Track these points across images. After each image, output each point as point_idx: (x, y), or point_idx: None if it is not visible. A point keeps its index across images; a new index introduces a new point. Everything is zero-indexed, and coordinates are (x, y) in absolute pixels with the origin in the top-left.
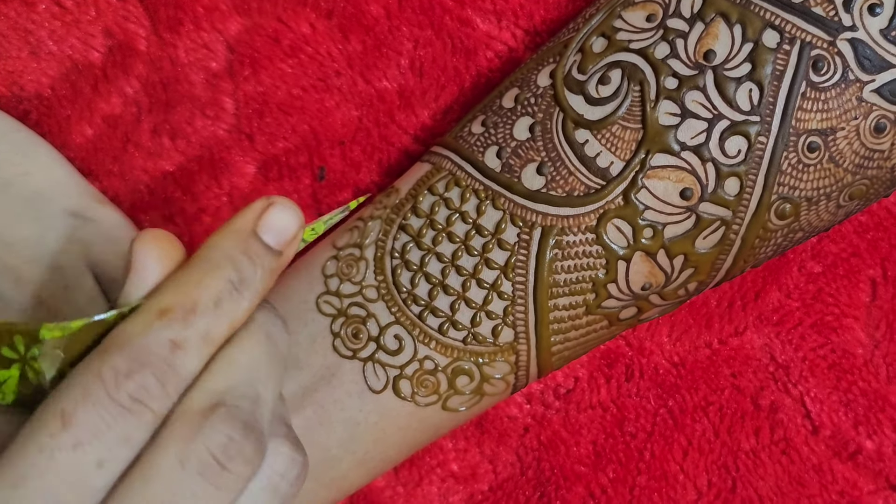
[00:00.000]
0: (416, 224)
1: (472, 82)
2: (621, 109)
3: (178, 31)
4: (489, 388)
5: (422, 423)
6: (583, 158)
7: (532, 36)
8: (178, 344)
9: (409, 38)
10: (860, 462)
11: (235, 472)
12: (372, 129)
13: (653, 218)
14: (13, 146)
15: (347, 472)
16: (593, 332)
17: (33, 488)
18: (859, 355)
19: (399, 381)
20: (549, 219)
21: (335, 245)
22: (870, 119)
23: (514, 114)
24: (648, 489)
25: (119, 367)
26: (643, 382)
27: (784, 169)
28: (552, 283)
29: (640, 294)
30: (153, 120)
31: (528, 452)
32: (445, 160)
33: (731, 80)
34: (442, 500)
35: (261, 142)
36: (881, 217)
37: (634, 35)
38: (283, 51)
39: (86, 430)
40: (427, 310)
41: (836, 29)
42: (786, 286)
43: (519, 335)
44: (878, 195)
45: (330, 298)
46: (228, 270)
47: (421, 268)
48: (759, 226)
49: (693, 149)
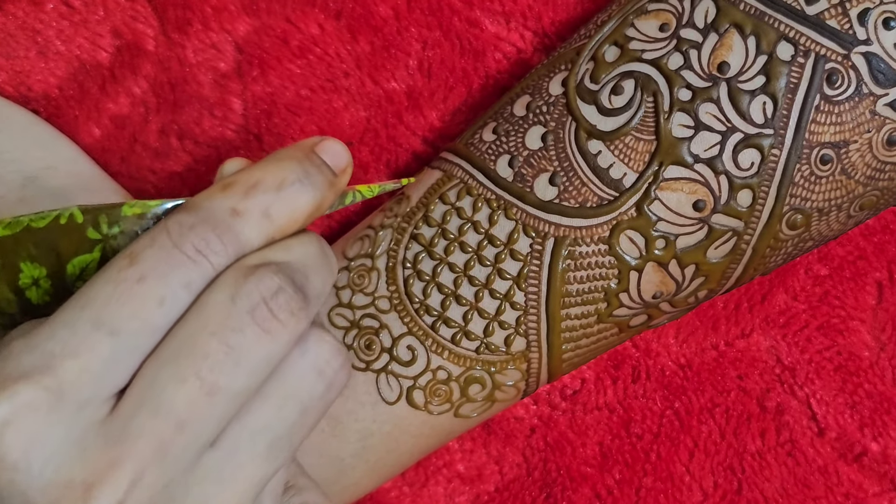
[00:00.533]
0: (427, 233)
1: (481, 84)
2: (634, 120)
3: (186, 32)
4: (500, 395)
5: (434, 430)
6: (595, 169)
7: (541, 37)
8: (238, 211)
9: (417, 39)
10: (865, 464)
11: (282, 320)
12: (380, 129)
13: (665, 229)
14: (36, 140)
15: (360, 480)
16: (604, 340)
17: (99, 313)
18: (865, 358)
19: (412, 391)
20: (561, 229)
21: (346, 255)
22: (882, 132)
23: (525, 122)
24: (654, 490)
25: (183, 221)
26: (650, 384)
27: (796, 181)
28: (564, 293)
29: (651, 302)
30: (161, 120)
31: (535, 453)
32: (457, 168)
33: (744, 92)
34: (448, 500)
35: (269, 142)
36: (888, 220)
37: (647, 45)
38: (291, 51)
39: (150, 268)
40: (440, 320)
41: (851, 42)
42: (792, 289)
43: (531, 344)
44: (887, 205)
45: (342, 311)
46: (293, 164)
47: (433, 278)
48: (770, 236)
49: (706, 161)
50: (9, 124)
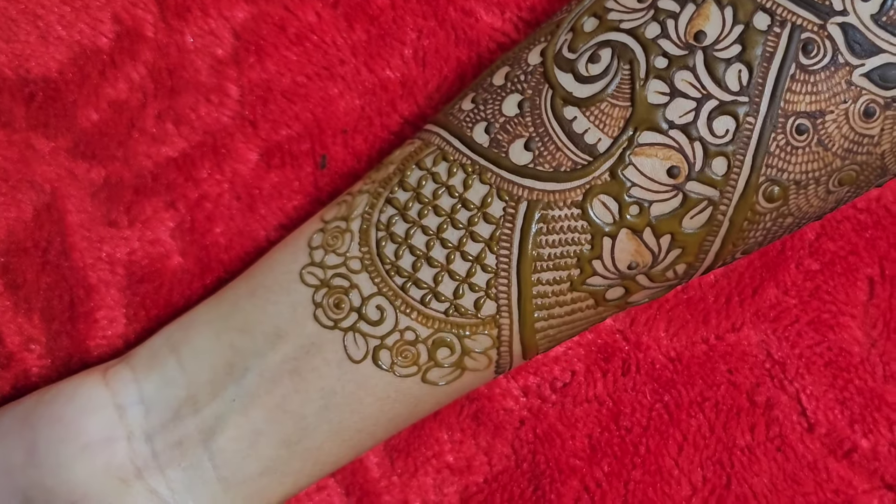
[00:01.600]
0: (402, 197)
1: (475, 73)
2: (610, 87)
3: (185, 18)
4: (470, 363)
5: (400, 395)
6: (570, 135)
7: (534, 28)
8: None
9: (412, 28)
10: (855, 460)
11: None
12: (374, 118)
13: (639, 195)
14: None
15: (323, 443)
16: (579, 311)
17: None
18: (856, 353)
19: (379, 350)
20: (535, 193)
21: (323, 218)
22: (859, 103)
23: (503, 91)
24: (643, 483)
25: None
26: (639, 377)
27: (772, 151)
28: (536, 257)
29: (627, 273)
30: (158, 106)
31: (524, 445)
32: (434, 136)
33: (720, 60)
34: (437, 491)
35: (264, 129)
36: (880, 216)
37: (625, 15)
38: (288, 39)
39: None
40: (410, 281)
41: (827, 13)
42: (783, 283)
43: (501, 308)
44: (868, 183)
45: (314, 269)
46: None
47: (406, 240)
48: (747, 207)
49: (681, 127)
50: None
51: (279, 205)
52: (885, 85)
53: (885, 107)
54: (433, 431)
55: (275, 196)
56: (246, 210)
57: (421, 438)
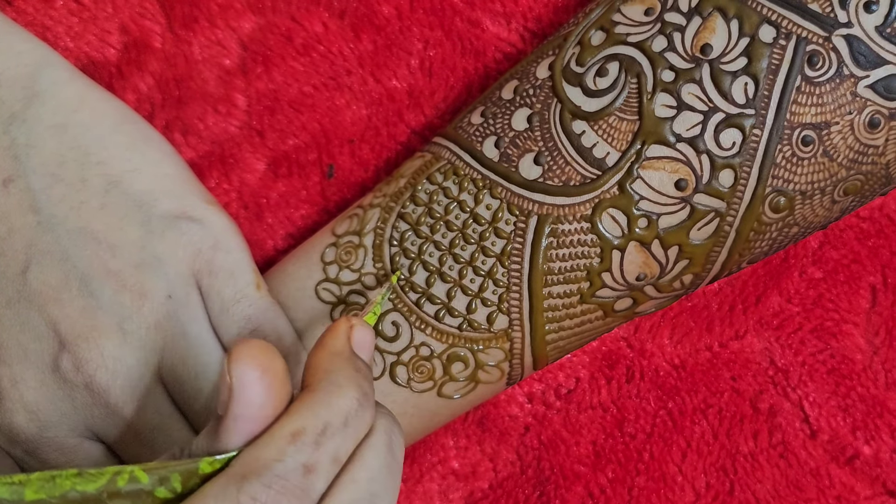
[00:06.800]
0: (414, 212)
1: (481, 83)
2: (618, 101)
3: (192, 29)
4: (484, 376)
5: (417, 410)
6: (579, 149)
7: (540, 38)
8: (310, 468)
9: (419, 38)
10: (857, 467)
11: None
12: (381, 127)
13: (647, 208)
14: (124, 140)
15: None
16: (588, 323)
17: None
18: (858, 361)
19: (395, 367)
20: (545, 207)
21: (334, 232)
22: (864, 114)
23: (512, 105)
24: (647, 490)
25: (258, 496)
26: (643, 384)
27: (778, 162)
28: (546, 271)
29: (635, 285)
30: (166, 116)
31: (529, 451)
32: (444, 150)
33: (727, 73)
34: (442, 497)
35: (271, 139)
36: (882, 224)
37: (632, 28)
38: (295, 49)
39: None
40: (424, 297)
41: (832, 25)
42: (786, 291)
43: (513, 322)
44: (873, 192)
45: (329, 286)
46: (351, 388)
47: (419, 255)
48: (753, 218)
49: (688, 140)
50: (100, 121)
51: (286, 214)
52: (889, 96)
53: (889, 117)
54: (438, 437)
55: (282, 205)
56: (253, 219)
57: (426, 444)
